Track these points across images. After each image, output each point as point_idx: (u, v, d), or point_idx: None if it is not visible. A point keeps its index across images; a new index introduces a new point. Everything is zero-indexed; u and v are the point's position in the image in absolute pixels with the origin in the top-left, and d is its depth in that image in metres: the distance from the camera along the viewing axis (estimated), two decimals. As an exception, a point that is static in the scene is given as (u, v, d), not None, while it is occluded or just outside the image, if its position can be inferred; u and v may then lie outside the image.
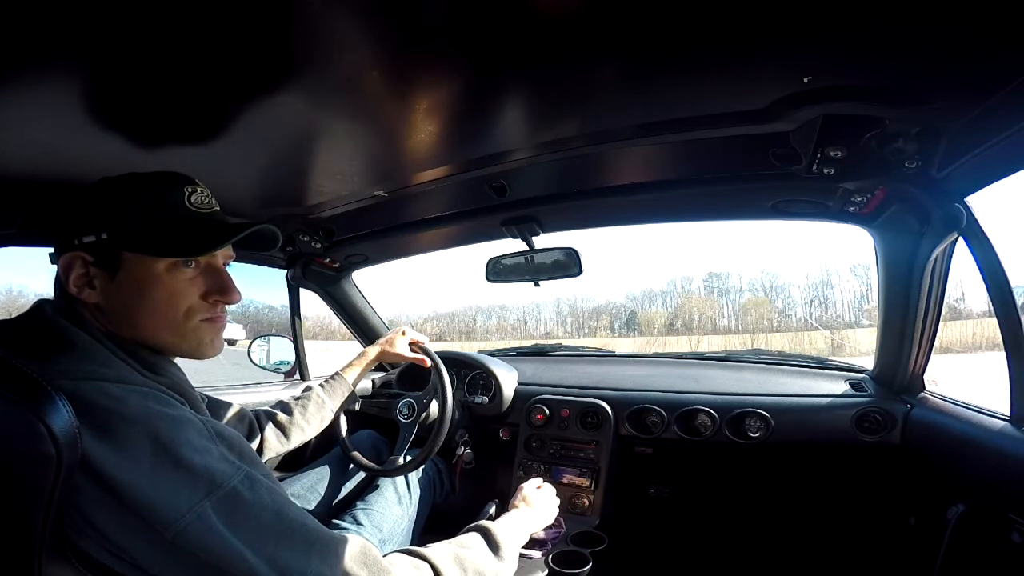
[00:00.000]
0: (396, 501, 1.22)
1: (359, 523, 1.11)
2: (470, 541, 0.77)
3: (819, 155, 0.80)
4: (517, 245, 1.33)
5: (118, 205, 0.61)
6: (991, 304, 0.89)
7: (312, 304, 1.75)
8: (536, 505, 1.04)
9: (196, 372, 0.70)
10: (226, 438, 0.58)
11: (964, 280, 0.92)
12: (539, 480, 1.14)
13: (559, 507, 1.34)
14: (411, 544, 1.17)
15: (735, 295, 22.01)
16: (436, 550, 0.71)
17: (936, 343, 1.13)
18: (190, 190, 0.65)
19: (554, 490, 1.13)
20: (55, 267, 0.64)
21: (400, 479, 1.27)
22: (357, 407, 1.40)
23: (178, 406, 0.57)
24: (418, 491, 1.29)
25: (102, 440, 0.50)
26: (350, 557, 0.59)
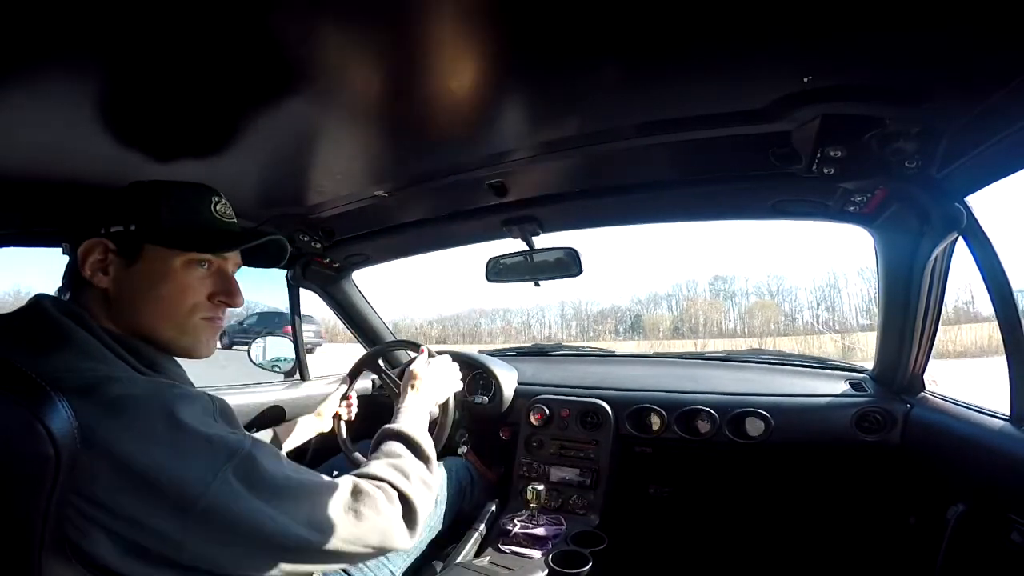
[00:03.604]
0: None
1: None
2: (398, 450, 0.78)
3: (819, 155, 0.80)
4: (517, 245, 1.33)
5: (152, 202, 0.65)
6: (991, 304, 0.89)
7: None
8: (428, 382, 1.00)
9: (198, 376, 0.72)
10: (226, 413, 0.61)
11: (974, 282, 0.90)
12: (426, 356, 1.08)
13: (559, 506, 1.34)
14: (427, 552, 1.16)
15: (741, 298, 21.65)
16: (381, 468, 0.72)
17: (952, 347, 1.12)
18: (216, 200, 0.70)
19: (447, 359, 1.10)
20: (63, 263, 0.67)
21: None
22: (355, 412, 1.39)
23: (181, 385, 0.60)
24: (445, 501, 1.26)
25: (117, 424, 0.51)
26: (348, 497, 0.64)
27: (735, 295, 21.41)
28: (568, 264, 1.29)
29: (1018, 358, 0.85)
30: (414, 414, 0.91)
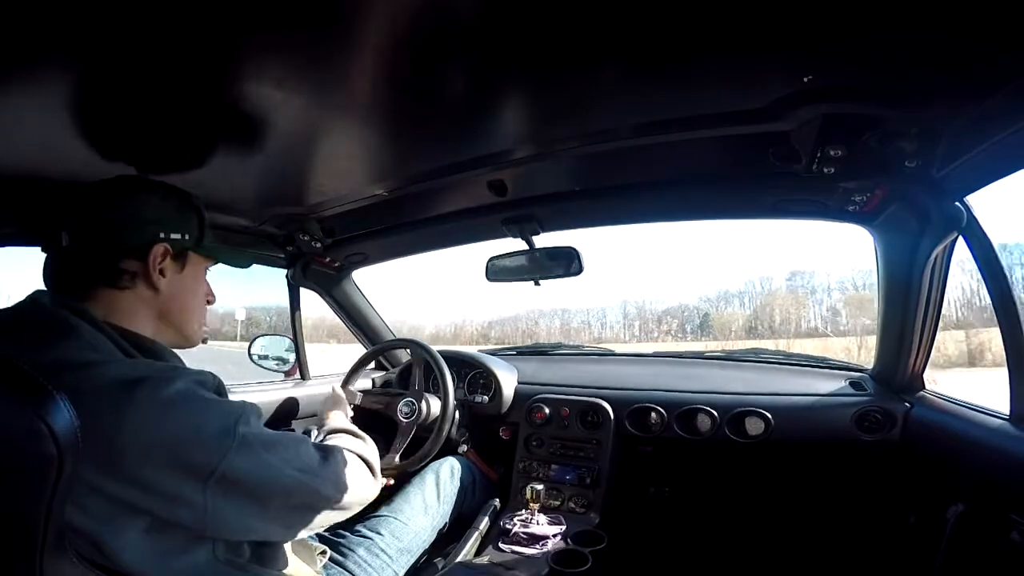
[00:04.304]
0: (423, 510, 1.20)
1: (378, 532, 1.10)
2: (338, 435, 0.95)
3: (819, 154, 0.80)
4: (518, 244, 1.33)
5: (196, 213, 0.75)
6: (991, 303, 0.89)
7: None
8: (336, 409, 1.14)
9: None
10: (221, 390, 0.67)
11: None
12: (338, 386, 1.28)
13: (559, 505, 1.35)
14: (428, 551, 1.19)
15: (823, 294, 19.51)
16: (347, 441, 0.88)
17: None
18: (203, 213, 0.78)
19: (340, 394, 1.24)
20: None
21: (431, 487, 1.26)
22: (357, 400, 1.40)
23: (184, 365, 0.68)
24: (450, 501, 1.27)
25: (134, 399, 0.54)
26: (317, 449, 0.74)
27: (815, 291, 19.58)
28: (568, 263, 1.28)
29: (1018, 357, 0.86)
30: (337, 417, 1.08)
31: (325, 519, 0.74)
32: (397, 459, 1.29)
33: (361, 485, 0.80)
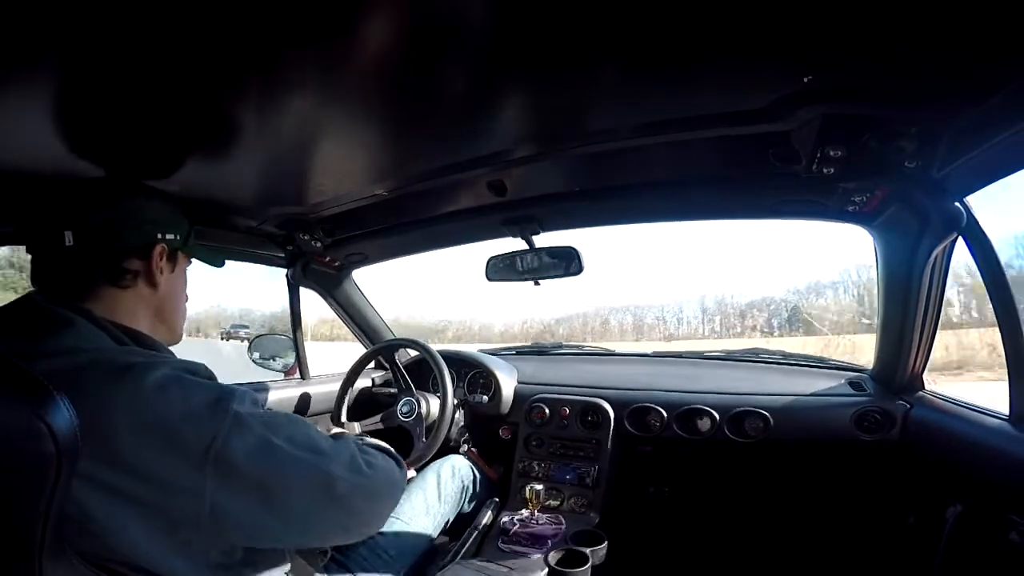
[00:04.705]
0: (424, 511, 1.20)
1: (380, 532, 1.07)
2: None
3: (819, 155, 0.80)
4: (518, 244, 1.33)
5: (184, 214, 0.77)
6: (991, 303, 0.89)
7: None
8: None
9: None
10: (214, 380, 0.65)
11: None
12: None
13: (559, 505, 1.35)
14: (428, 550, 1.18)
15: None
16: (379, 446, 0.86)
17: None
18: None
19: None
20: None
21: (432, 486, 1.26)
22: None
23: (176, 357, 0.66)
24: (450, 500, 1.28)
25: (132, 383, 0.54)
26: (322, 432, 0.71)
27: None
28: (568, 263, 1.29)
29: (1017, 358, 0.86)
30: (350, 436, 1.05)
31: (352, 519, 0.70)
32: (425, 438, 1.32)
33: (384, 472, 0.74)
